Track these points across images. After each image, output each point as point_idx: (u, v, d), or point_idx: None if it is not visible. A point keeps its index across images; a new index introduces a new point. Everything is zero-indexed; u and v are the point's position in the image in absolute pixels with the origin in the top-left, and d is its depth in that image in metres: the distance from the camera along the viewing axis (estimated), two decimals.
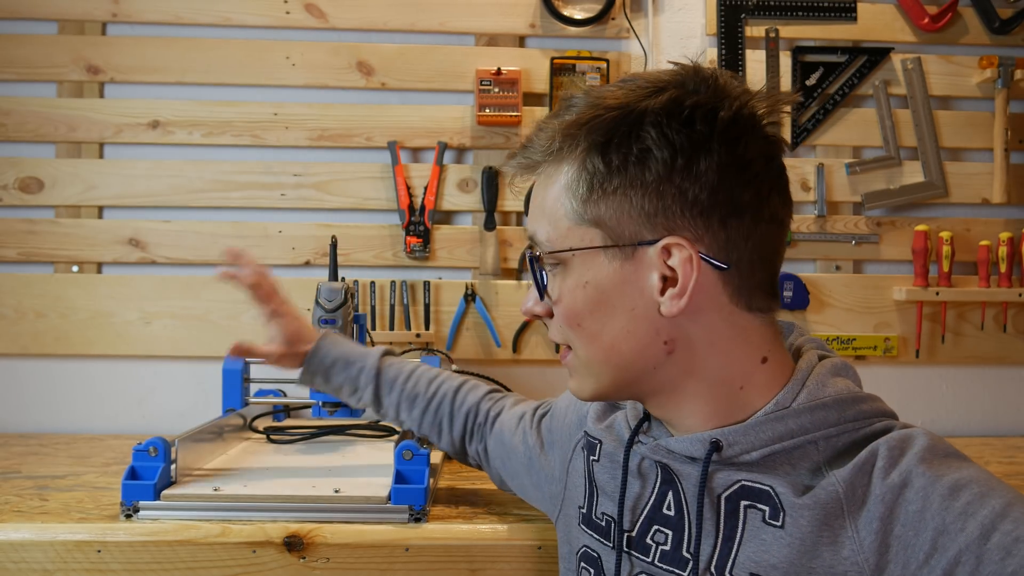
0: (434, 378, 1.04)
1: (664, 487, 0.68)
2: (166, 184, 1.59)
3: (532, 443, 0.90)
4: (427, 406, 1.01)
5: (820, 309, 1.63)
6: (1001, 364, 1.66)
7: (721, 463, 0.63)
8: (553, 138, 0.65)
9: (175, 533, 0.93)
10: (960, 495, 0.55)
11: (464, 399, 1.02)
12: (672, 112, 0.61)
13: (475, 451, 1.01)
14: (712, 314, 0.63)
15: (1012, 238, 1.60)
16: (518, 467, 0.93)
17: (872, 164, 1.64)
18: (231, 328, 1.58)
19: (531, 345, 1.61)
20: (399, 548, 0.93)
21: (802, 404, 0.62)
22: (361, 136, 1.60)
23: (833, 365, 0.66)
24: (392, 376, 1.03)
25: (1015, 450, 1.48)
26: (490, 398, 1.03)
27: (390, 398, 1.02)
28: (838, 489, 0.58)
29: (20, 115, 1.57)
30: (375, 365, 1.02)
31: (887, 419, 0.63)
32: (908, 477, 0.57)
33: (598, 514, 0.74)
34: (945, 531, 0.54)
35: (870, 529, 0.56)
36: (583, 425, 0.80)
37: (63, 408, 1.58)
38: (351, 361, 1.03)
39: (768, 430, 0.62)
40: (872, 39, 1.65)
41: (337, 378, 1.03)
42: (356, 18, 1.61)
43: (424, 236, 1.58)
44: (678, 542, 0.65)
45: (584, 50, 1.60)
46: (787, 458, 0.62)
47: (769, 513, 0.60)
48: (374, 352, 1.04)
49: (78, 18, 1.58)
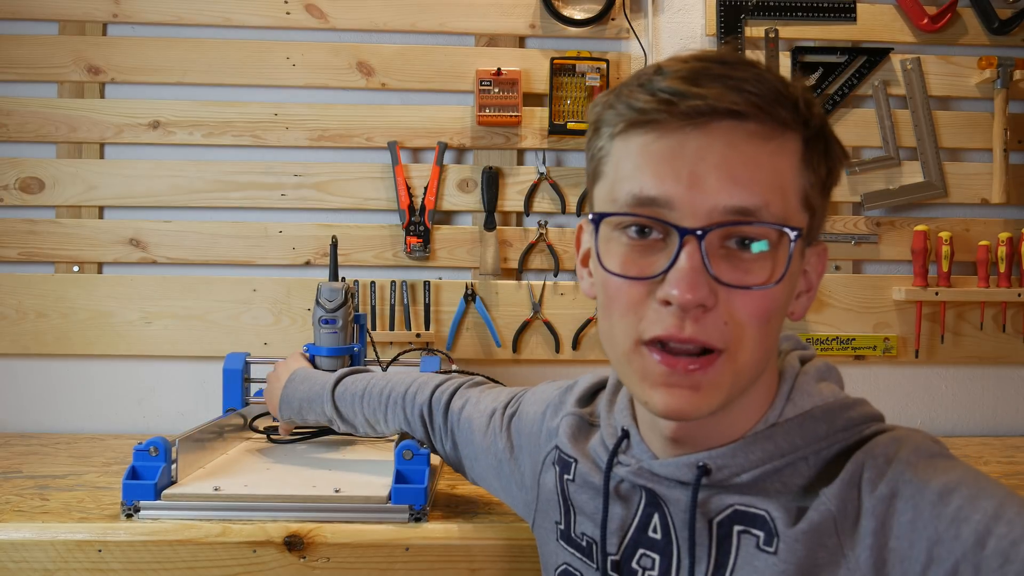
0: (384, 388, 1.01)
1: (648, 509, 0.64)
2: (167, 184, 1.59)
3: (502, 447, 0.85)
4: (385, 418, 1.00)
5: (820, 309, 1.63)
6: (1000, 364, 1.66)
7: (711, 486, 0.61)
8: (792, 95, 0.56)
9: (176, 533, 0.93)
10: (951, 500, 0.53)
11: (413, 401, 0.98)
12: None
13: (442, 447, 0.98)
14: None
15: (1011, 238, 1.60)
16: (487, 469, 0.90)
17: (871, 164, 1.64)
18: (231, 328, 1.58)
19: (531, 345, 1.61)
20: (399, 548, 0.93)
21: (790, 418, 0.61)
22: (361, 136, 1.61)
23: (816, 370, 0.65)
24: (348, 401, 1.03)
25: (1014, 450, 1.48)
26: (443, 390, 0.97)
27: (357, 420, 1.03)
28: (831, 507, 0.56)
29: (21, 115, 1.57)
30: (330, 398, 1.04)
31: (875, 423, 0.62)
32: (896, 487, 0.55)
33: (577, 533, 0.71)
34: (939, 541, 0.52)
35: (864, 545, 0.55)
36: (553, 438, 0.76)
37: (64, 408, 1.59)
38: (312, 398, 1.06)
39: (758, 450, 0.60)
40: (871, 39, 1.65)
41: (311, 417, 1.08)
42: (356, 18, 1.61)
43: (424, 236, 1.59)
44: (666, 567, 0.63)
45: (584, 50, 1.60)
46: (778, 476, 0.60)
47: (763, 539, 0.58)
48: (328, 384, 1.05)
49: (79, 18, 1.59)
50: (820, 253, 0.63)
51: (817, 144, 0.58)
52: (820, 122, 0.58)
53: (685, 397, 0.56)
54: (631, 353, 0.58)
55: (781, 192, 0.56)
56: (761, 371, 0.59)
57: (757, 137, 0.55)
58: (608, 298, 0.59)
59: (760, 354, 0.57)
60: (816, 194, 0.59)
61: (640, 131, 0.57)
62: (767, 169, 0.55)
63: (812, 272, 0.63)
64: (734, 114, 0.54)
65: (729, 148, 0.54)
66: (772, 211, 0.55)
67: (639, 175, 0.56)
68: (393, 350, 1.56)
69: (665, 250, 0.56)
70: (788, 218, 0.56)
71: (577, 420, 0.75)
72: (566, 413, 0.76)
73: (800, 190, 0.57)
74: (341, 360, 1.22)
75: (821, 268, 0.63)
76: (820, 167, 0.58)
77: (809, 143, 0.58)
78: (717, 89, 0.54)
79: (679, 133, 0.55)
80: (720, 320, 0.55)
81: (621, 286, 0.57)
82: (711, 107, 0.54)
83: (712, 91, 0.54)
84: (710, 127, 0.54)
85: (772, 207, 0.55)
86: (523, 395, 0.88)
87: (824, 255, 0.64)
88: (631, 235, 0.57)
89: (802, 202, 0.58)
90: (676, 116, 0.55)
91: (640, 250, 0.57)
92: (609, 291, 0.59)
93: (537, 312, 1.60)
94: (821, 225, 0.62)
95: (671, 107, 0.54)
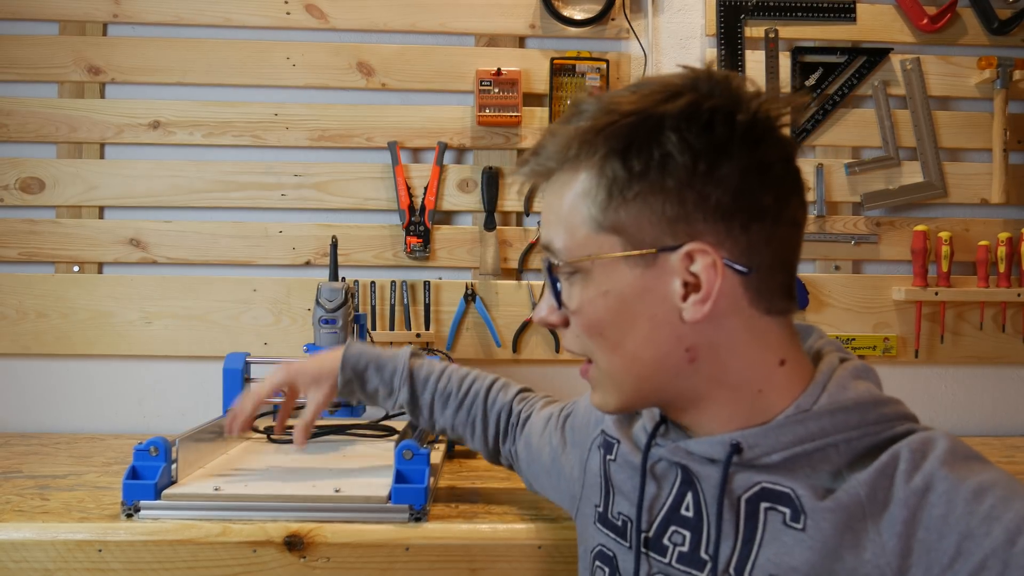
0: (465, 376, 1.03)
1: (683, 488, 0.67)
2: (167, 184, 1.59)
3: (556, 444, 0.89)
4: (460, 405, 1.00)
5: (819, 309, 1.63)
6: (1000, 364, 1.66)
7: (741, 465, 0.63)
8: (569, 144, 0.63)
9: (176, 532, 0.93)
10: (984, 499, 0.54)
11: (496, 398, 1.01)
12: (691, 116, 0.60)
13: (508, 451, 1.00)
14: (733, 319, 0.62)
15: (1011, 238, 1.60)
16: (542, 469, 0.93)
17: (871, 164, 1.64)
18: (231, 328, 1.59)
19: (531, 345, 1.61)
20: (399, 548, 0.93)
21: (823, 407, 0.62)
22: (361, 136, 1.61)
23: (854, 368, 0.66)
24: (424, 375, 1.01)
25: (1014, 450, 1.48)
26: (521, 398, 1.01)
27: (424, 397, 1.01)
28: (860, 492, 0.58)
29: (21, 115, 1.58)
30: (406, 365, 1.01)
31: (908, 422, 0.63)
32: (931, 481, 0.56)
33: (614, 513, 0.74)
34: (970, 535, 0.53)
35: (892, 532, 0.56)
36: (601, 423, 0.80)
37: (64, 408, 1.59)
38: (382, 364, 1.01)
39: (789, 433, 0.61)
40: (871, 40, 1.65)
41: (371, 383, 1.01)
42: (356, 18, 1.61)
43: (424, 236, 1.59)
44: (696, 543, 0.65)
45: (584, 51, 1.60)
46: (808, 461, 0.61)
47: (790, 515, 0.60)
48: (403, 352, 1.03)
49: (79, 19, 1.59)
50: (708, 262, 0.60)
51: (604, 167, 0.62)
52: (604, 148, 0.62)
53: (593, 394, 0.70)
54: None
55: (564, 227, 0.65)
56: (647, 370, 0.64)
57: (556, 185, 0.66)
58: None
59: (620, 359, 0.65)
60: (612, 212, 0.62)
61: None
62: (554, 211, 0.66)
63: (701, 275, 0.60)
64: (548, 171, 0.66)
65: (550, 196, 0.67)
66: (557, 246, 0.65)
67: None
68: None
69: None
70: (575, 248, 0.64)
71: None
72: None
73: (588, 219, 0.63)
74: None
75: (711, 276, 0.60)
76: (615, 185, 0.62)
77: (600, 170, 0.62)
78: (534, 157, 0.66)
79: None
80: (572, 334, 0.67)
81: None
82: (530, 171, 0.67)
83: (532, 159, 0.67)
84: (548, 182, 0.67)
85: (556, 242, 0.65)
86: (579, 399, 0.92)
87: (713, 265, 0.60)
88: None
89: (595, 229, 0.63)
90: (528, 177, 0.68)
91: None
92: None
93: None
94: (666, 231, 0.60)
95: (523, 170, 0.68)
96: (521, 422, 0.99)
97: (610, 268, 0.63)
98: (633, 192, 0.61)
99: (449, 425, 1.01)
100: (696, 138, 0.59)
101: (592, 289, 0.64)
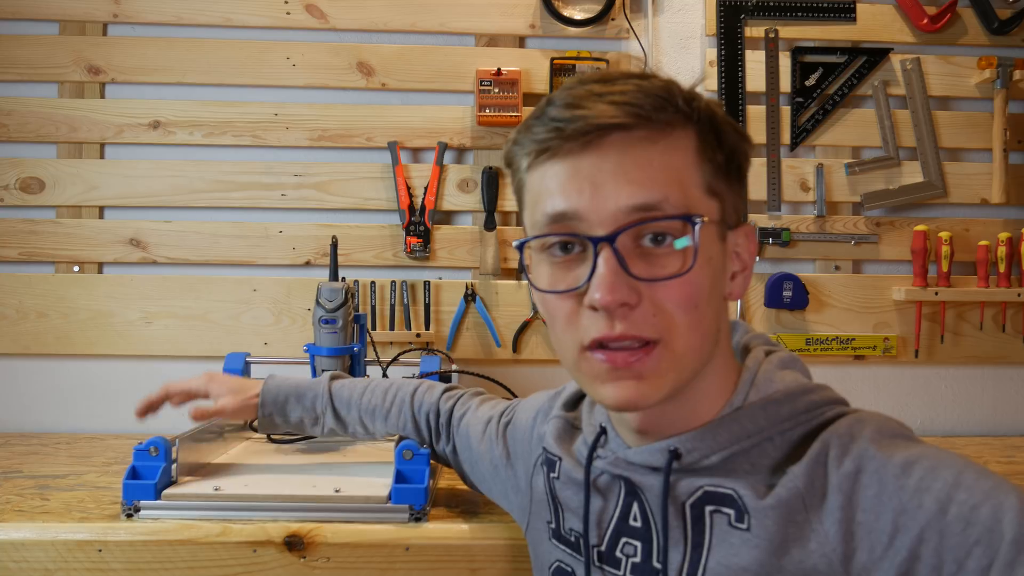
0: (389, 387, 1.03)
1: (628, 499, 0.67)
2: (167, 184, 1.59)
3: (498, 453, 0.89)
4: (387, 415, 1.01)
5: (819, 309, 1.63)
6: (1000, 364, 1.66)
7: (682, 470, 0.64)
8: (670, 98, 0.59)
9: (176, 532, 0.93)
10: (912, 472, 0.55)
11: (421, 400, 1.01)
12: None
13: (442, 450, 1.01)
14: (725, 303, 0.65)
15: (1011, 238, 1.60)
16: (485, 474, 0.93)
17: (871, 164, 1.64)
18: (231, 328, 1.59)
19: (531, 345, 1.61)
20: (399, 548, 0.93)
21: (753, 402, 0.63)
22: (361, 136, 1.61)
23: (780, 359, 0.67)
24: (346, 396, 1.03)
25: (1014, 450, 1.48)
26: (448, 396, 1.01)
27: (351, 416, 1.03)
28: (798, 485, 0.59)
29: (21, 115, 1.58)
30: (327, 389, 1.03)
31: (838, 406, 0.64)
32: (860, 462, 0.58)
33: (566, 529, 0.74)
34: (904, 511, 0.54)
35: (833, 520, 0.57)
36: (542, 440, 0.80)
37: (64, 408, 1.59)
38: (302, 393, 1.04)
39: (724, 432, 0.62)
40: (871, 39, 1.65)
41: (294, 413, 1.03)
42: (356, 18, 1.61)
43: (424, 236, 1.59)
44: (647, 553, 0.65)
45: (584, 50, 1.60)
46: (746, 458, 0.62)
47: (734, 517, 0.60)
48: (323, 378, 1.05)
49: (79, 19, 1.59)
50: (748, 234, 0.66)
51: (708, 135, 0.61)
52: (707, 114, 0.62)
53: (631, 387, 0.60)
54: (578, 359, 0.62)
55: (679, 185, 0.59)
56: (707, 354, 0.62)
57: (646, 141, 0.59)
58: (549, 315, 0.63)
59: (698, 338, 0.60)
60: (719, 180, 0.62)
61: (543, 160, 0.61)
62: (659, 167, 0.59)
63: (744, 252, 0.66)
64: (620, 127, 0.58)
65: (621, 155, 0.59)
66: (673, 203, 0.58)
67: (549, 198, 0.61)
68: (393, 350, 1.56)
69: (586, 261, 0.60)
70: (691, 207, 0.59)
71: (562, 423, 0.78)
72: (552, 416, 0.80)
73: (700, 180, 0.60)
74: (341, 360, 1.23)
75: (752, 247, 0.67)
76: (716, 155, 0.61)
77: (700, 135, 0.61)
78: (599, 107, 0.58)
79: (575, 153, 0.60)
80: (648, 313, 0.58)
81: (554, 301, 0.62)
82: (595, 125, 0.58)
83: (594, 110, 0.58)
84: (602, 142, 0.59)
85: (672, 199, 0.58)
86: (517, 405, 0.91)
87: (752, 235, 0.67)
88: (555, 254, 0.62)
89: (705, 190, 0.61)
90: (568, 139, 0.59)
91: (565, 265, 0.61)
92: (548, 308, 0.63)
93: (537, 312, 1.60)
94: (739, 208, 0.65)
95: (561, 132, 0.59)
96: (455, 420, 0.98)
97: (711, 234, 0.61)
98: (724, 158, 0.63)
99: (384, 435, 1.03)
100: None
101: (701, 255, 0.59)
